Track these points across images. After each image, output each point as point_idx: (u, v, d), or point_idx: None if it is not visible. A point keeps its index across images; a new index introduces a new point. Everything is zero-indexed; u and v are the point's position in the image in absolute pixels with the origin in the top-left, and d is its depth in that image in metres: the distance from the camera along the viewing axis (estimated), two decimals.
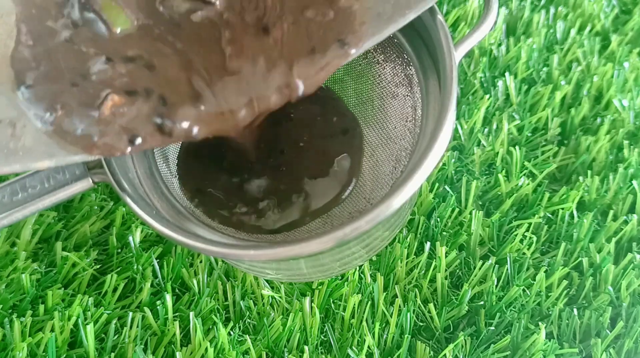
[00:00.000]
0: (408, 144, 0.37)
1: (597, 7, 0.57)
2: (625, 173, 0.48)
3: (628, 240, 0.45)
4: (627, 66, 0.54)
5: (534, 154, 0.49)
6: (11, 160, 0.29)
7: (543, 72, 0.53)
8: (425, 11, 0.35)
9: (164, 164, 0.39)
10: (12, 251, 0.43)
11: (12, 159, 0.29)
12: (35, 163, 0.30)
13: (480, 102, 0.50)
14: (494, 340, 0.41)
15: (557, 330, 0.42)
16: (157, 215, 0.32)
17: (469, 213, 0.45)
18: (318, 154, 0.40)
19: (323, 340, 0.41)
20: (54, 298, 0.41)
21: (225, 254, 0.31)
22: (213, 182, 0.39)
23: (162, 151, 0.39)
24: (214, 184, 0.39)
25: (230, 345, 0.40)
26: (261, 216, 0.38)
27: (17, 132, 0.30)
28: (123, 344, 0.40)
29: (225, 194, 0.39)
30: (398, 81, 0.39)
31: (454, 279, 0.44)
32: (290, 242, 0.29)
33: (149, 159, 0.37)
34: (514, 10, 0.56)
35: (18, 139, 0.30)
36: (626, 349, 0.41)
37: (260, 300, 0.42)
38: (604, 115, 0.51)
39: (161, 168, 0.38)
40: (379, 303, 0.42)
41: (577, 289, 0.44)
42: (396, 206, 0.29)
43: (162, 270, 0.42)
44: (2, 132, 0.30)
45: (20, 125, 0.30)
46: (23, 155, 0.30)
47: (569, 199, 0.46)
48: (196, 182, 0.39)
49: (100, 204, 0.45)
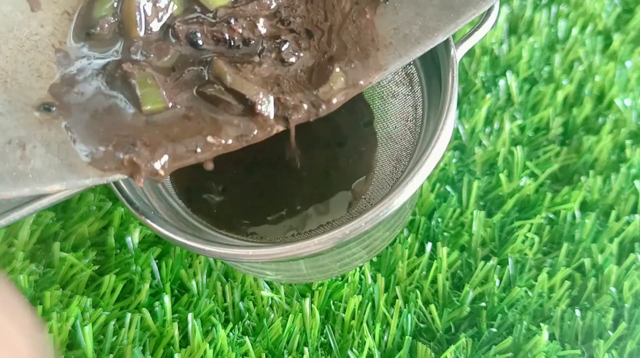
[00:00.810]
0: (409, 143, 0.37)
1: (598, 6, 0.57)
2: (627, 172, 0.47)
3: (630, 240, 0.45)
4: (629, 65, 0.53)
5: (536, 154, 0.49)
6: (20, 184, 0.28)
7: (545, 72, 0.53)
8: None
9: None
10: (10, 252, 0.42)
11: (21, 183, 0.28)
12: (45, 186, 0.28)
13: (481, 101, 0.50)
14: (496, 341, 0.41)
15: (559, 332, 0.42)
16: (155, 216, 0.32)
17: (470, 213, 0.45)
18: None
19: (323, 341, 0.41)
20: (51, 299, 0.40)
21: (224, 254, 0.30)
22: (212, 183, 0.39)
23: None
24: (211, 186, 0.39)
25: (229, 347, 0.39)
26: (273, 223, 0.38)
27: (27, 154, 0.29)
28: (121, 345, 0.40)
29: (229, 197, 0.39)
30: (398, 79, 0.39)
31: (455, 280, 0.44)
32: (289, 242, 0.29)
33: None
34: (515, 9, 0.56)
35: (28, 161, 0.28)
36: (629, 351, 0.41)
37: (260, 301, 0.42)
38: (606, 115, 0.51)
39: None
40: (380, 304, 0.41)
41: (579, 290, 0.43)
42: (396, 206, 0.29)
43: (161, 271, 0.42)
44: (11, 154, 0.29)
45: (30, 146, 0.29)
46: (33, 178, 0.28)
47: (571, 199, 0.46)
48: (191, 183, 0.39)
49: (99, 205, 0.45)
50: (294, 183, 0.39)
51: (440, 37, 0.31)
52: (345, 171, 0.40)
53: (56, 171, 0.29)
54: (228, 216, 0.38)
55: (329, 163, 0.40)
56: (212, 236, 0.35)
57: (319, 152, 0.40)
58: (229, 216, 0.38)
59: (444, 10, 0.31)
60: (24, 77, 0.31)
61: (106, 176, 0.29)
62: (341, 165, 0.40)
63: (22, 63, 0.31)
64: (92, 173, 0.29)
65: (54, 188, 0.28)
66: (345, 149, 0.40)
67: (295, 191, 0.39)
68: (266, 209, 0.39)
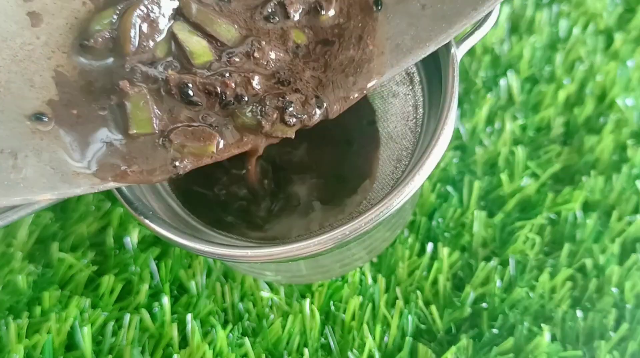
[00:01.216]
0: (409, 143, 0.37)
1: (600, 5, 0.56)
2: (629, 172, 0.47)
3: (632, 240, 0.45)
4: (630, 65, 0.53)
5: (537, 154, 0.49)
6: (11, 193, 0.28)
7: (546, 71, 0.53)
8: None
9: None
10: (9, 252, 0.42)
11: (12, 192, 0.28)
12: (36, 195, 0.28)
13: (482, 101, 0.50)
14: (497, 342, 0.41)
15: (560, 332, 0.42)
16: (154, 216, 0.32)
17: (471, 213, 0.45)
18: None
19: (323, 342, 0.41)
20: (50, 299, 0.40)
21: (223, 255, 0.30)
22: (211, 183, 0.39)
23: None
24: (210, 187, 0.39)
25: (229, 348, 0.39)
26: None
27: (19, 163, 0.29)
28: (120, 346, 0.39)
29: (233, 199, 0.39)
30: (399, 79, 0.38)
31: (456, 280, 0.43)
32: (288, 243, 0.29)
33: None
34: (516, 8, 0.56)
35: (19, 170, 0.28)
36: (630, 351, 0.40)
37: (260, 302, 0.42)
38: (608, 114, 0.51)
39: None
40: (380, 305, 0.41)
41: (580, 290, 0.43)
42: (396, 206, 0.29)
43: (160, 272, 0.42)
44: (3, 163, 0.28)
45: (22, 155, 0.29)
46: (24, 187, 0.28)
47: (573, 199, 0.46)
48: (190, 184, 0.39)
49: (98, 205, 0.44)
50: (294, 183, 0.39)
51: (432, 47, 0.31)
52: (347, 170, 0.39)
53: (47, 180, 0.29)
54: (227, 216, 0.38)
55: (330, 162, 0.40)
56: (211, 236, 0.35)
57: (320, 151, 0.40)
58: (228, 216, 0.38)
59: (436, 20, 0.31)
60: (17, 87, 0.31)
61: (97, 186, 0.29)
62: (343, 164, 0.40)
63: (16, 73, 0.31)
64: (84, 182, 0.29)
65: (45, 197, 0.28)
66: (348, 149, 0.40)
67: (295, 191, 0.39)
68: (265, 209, 0.38)
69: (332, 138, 0.40)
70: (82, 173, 0.29)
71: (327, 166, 0.40)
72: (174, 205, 0.36)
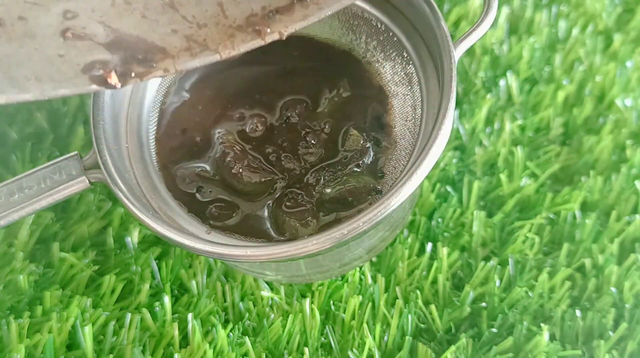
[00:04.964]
0: (408, 143, 0.37)
1: (599, 5, 0.56)
2: (628, 173, 0.47)
3: (631, 240, 0.45)
4: (630, 65, 0.53)
5: (536, 154, 0.49)
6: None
7: (545, 72, 0.53)
8: (425, 9, 0.35)
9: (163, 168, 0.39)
10: (10, 252, 0.42)
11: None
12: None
13: (482, 101, 0.50)
14: (496, 341, 0.41)
15: (559, 332, 0.42)
16: (154, 216, 0.32)
17: (470, 213, 0.45)
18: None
19: (323, 341, 0.41)
20: (51, 299, 0.40)
21: (223, 254, 0.30)
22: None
23: (161, 151, 0.39)
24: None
25: (229, 347, 0.39)
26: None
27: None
28: (121, 346, 0.40)
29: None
30: (398, 79, 0.39)
31: (455, 280, 0.44)
32: (287, 242, 0.29)
33: (146, 160, 0.37)
34: (515, 9, 0.56)
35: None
36: (629, 351, 0.41)
37: (260, 302, 0.42)
38: (607, 115, 0.51)
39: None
40: (380, 304, 0.41)
41: (579, 290, 0.43)
42: (395, 206, 0.29)
43: (161, 271, 0.42)
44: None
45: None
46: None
47: (572, 199, 0.46)
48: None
49: (99, 205, 0.45)
50: (294, 183, 0.39)
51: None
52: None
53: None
54: (226, 216, 0.38)
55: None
56: (210, 236, 0.35)
57: (321, 150, 0.40)
58: (227, 216, 0.38)
59: None
60: None
61: (49, 92, 0.28)
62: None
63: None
64: (34, 87, 0.28)
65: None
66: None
67: (295, 191, 0.39)
68: (264, 209, 0.38)
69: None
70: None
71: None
72: (174, 205, 0.36)
